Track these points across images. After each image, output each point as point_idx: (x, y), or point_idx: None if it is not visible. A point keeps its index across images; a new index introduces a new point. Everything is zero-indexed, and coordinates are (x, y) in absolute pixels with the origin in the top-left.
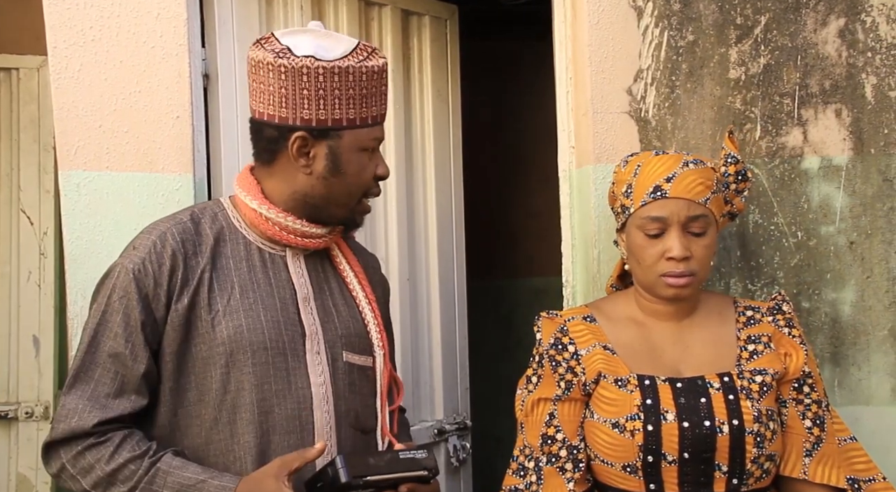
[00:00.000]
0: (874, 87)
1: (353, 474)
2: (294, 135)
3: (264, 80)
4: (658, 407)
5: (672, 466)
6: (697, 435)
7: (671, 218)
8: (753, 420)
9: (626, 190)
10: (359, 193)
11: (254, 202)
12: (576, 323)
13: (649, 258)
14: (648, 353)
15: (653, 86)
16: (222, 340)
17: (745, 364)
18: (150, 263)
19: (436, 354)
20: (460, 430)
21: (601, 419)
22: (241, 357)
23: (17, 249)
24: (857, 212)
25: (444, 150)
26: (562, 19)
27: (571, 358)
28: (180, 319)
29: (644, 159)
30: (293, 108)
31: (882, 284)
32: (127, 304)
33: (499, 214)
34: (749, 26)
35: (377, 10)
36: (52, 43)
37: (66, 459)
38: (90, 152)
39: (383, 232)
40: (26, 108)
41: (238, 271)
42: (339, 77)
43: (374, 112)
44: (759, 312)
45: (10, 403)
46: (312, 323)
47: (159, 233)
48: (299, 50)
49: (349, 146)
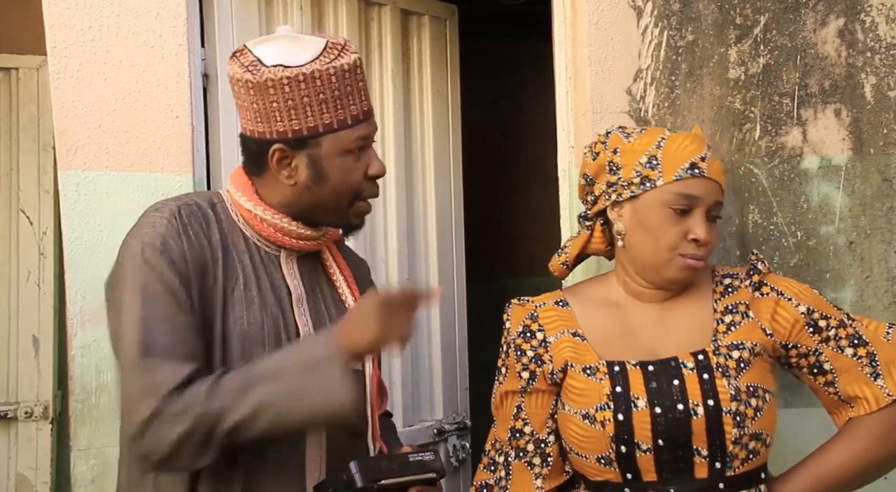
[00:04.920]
0: (873, 87)
1: (368, 479)
2: (272, 148)
3: (238, 95)
4: (628, 394)
5: (647, 454)
6: (671, 420)
7: (704, 198)
8: (731, 399)
9: (648, 161)
10: (348, 196)
11: (249, 203)
12: (546, 309)
13: (671, 237)
14: (622, 337)
15: (652, 86)
16: (222, 329)
17: (722, 338)
18: (172, 239)
19: (436, 354)
20: (460, 430)
21: (572, 411)
22: (236, 348)
23: (16, 249)
24: (856, 212)
25: (443, 150)
26: (561, 19)
27: (539, 345)
28: (200, 299)
29: (661, 132)
30: (267, 122)
31: (881, 284)
32: (163, 275)
33: (499, 214)
34: (748, 26)
35: (377, 10)
36: (51, 43)
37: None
38: (90, 152)
39: (383, 232)
40: (26, 108)
41: (241, 263)
42: (305, 84)
43: (354, 111)
44: (737, 279)
45: (9, 403)
46: (306, 324)
47: (171, 210)
48: (269, 59)
49: (330, 152)
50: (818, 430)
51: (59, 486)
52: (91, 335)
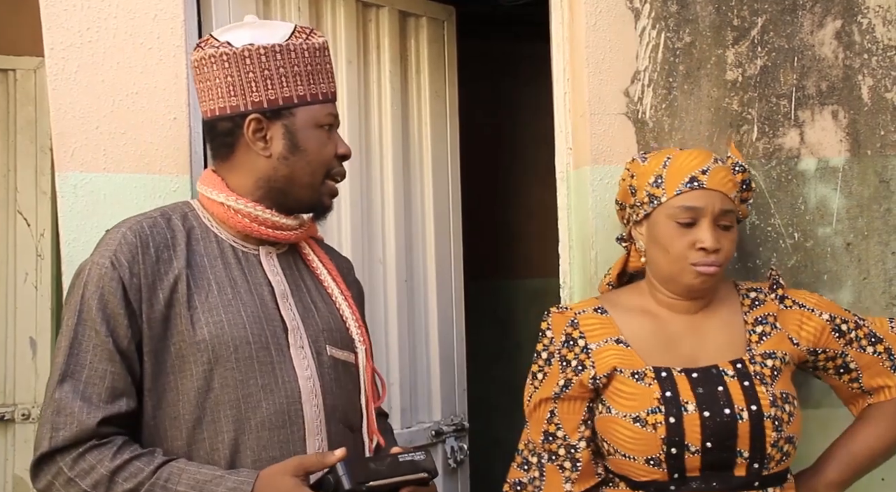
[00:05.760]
0: (871, 88)
1: (356, 481)
2: (248, 119)
3: (209, 75)
4: (678, 399)
5: (695, 455)
6: (719, 424)
7: (706, 209)
8: (770, 404)
9: (654, 180)
10: (322, 170)
11: (220, 196)
12: (587, 316)
13: (679, 247)
14: (663, 344)
15: (650, 87)
16: (202, 337)
17: (756, 348)
18: (122, 255)
19: (433, 355)
20: (458, 431)
21: (620, 414)
22: (223, 353)
23: (13, 251)
24: (853, 213)
25: (441, 151)
26: (559, 21)
27: (581, 352)
28: (158, 315)
29: (671, 153)
30: (242, 93)
31: (879, 286)
32: (102, 297)
33: (497, 215)
34: (746, 28)
35: (374, 12)
36: (48, 44)
37: (64, 463)
38: (87, 154)
39: (380, 233)
40: (23, 109)
41: (213, 269)
42: (281, 55)
43: (325, 89)
44: (762, 293)
45: (6, 404)
46: (293, 318)
47: (128, 226)
48: (238, 42)
49: (304, 123)
50: (815, 430)
51: None
52: None
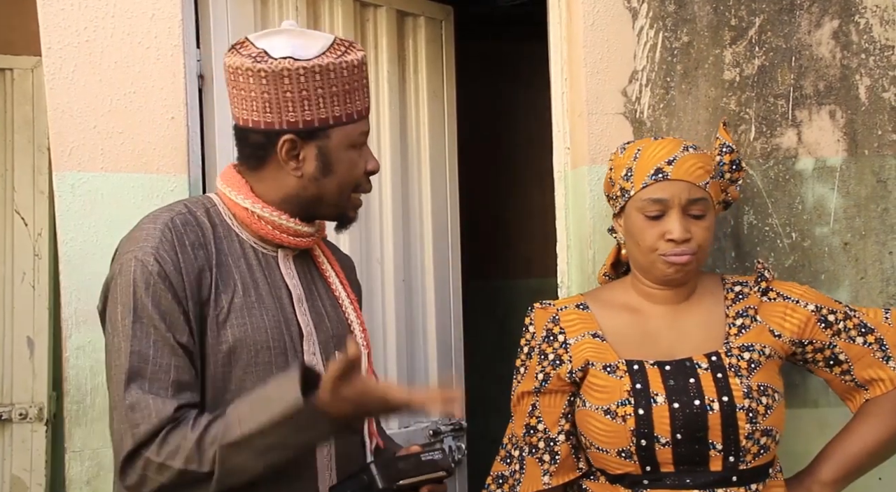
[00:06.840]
0: (868, 88)
1: (388, 480)
2: (282, 139)
3: (245, 86)
4: (648, 391)
5: (666, 448)
6: (688, 415)
7: (672, 200)
8: (744, 396)
9: (625, 173)
10: (349, 190)
11: (246, 201)
12: (567, 312)
13: (649, 239)
14: (640, 338)
15: (648, 87)
16: (226, 338)
17: (733, 341)
18: (165, 252)
19: (431, 355)
20: (456, 431)
21: (593, 407)
22: (244, 356)
23: (11, 251)
24: (851, 213)
25: (439, 151)
26: (557, 20)
27: (560, 347)
28: (198, 312)
29: (644, 144)
30: (278, 112)
31: (876, 285)
32: (155, 294)
33: (495, 215)
34: (743, 27)
35: (372, 12)
36: (46, 44)
37: (150, 452)
38: (85, 153)
39: (378, 233)
40: (20, 108)
41: (238, 269)
42: (320, 76)
43: (359, 106)
44: (746, 286)
45: (4, 404)
46: (307, 324)
47: (163, 222)
48: (276, 52)
49: (338, 144)
50: (814, 430)
51: (53, 488)
52: (86, 337)
